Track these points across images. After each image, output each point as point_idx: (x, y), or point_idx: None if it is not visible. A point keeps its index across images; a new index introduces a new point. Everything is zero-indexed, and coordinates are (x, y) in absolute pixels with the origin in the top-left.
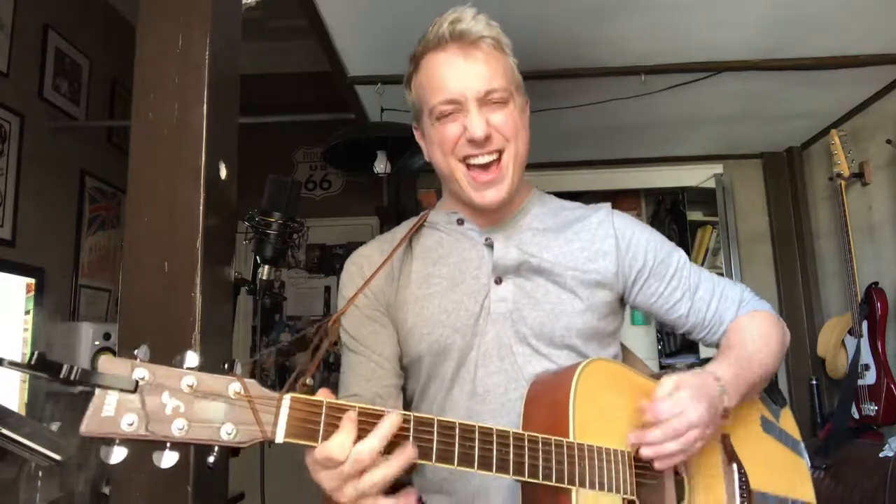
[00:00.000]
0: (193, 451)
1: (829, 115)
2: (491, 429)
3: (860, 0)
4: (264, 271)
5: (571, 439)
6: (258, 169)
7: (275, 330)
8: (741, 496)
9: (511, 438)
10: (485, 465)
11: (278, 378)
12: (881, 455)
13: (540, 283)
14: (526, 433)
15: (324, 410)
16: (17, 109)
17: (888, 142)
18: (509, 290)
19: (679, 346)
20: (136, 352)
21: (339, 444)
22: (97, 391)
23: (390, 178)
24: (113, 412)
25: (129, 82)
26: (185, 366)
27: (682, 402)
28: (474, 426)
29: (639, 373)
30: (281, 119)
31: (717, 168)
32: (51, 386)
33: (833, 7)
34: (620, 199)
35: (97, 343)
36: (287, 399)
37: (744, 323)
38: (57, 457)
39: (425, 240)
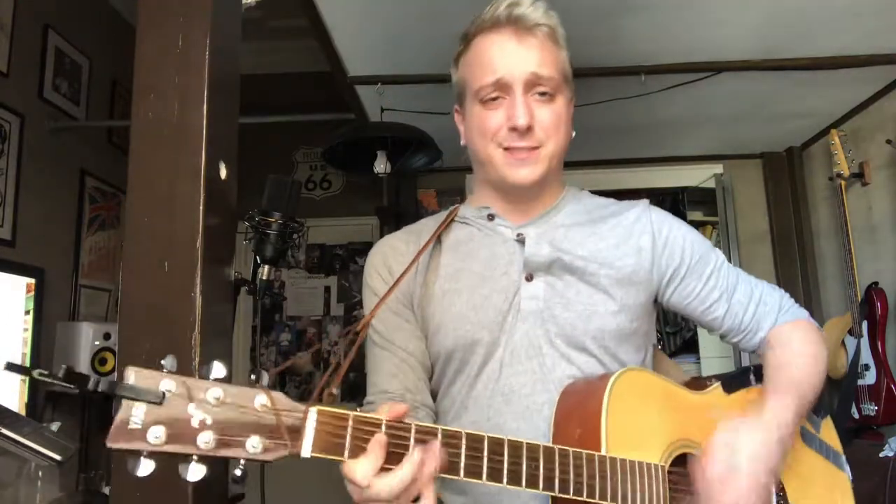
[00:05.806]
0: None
1: (829, 115)
2: (521, 442)
3: (860, 0)
4: (264, 271)
5: (603, 453)
6: (258, 169)
7: (275, 330)
8: None
9: (541, 452)
10: (514, 480)
11: (279, 379)
12: (881, 455)
13: (572, 282)
14: (557, 447)
15: (350, 424)
16: (17, 109)
17: (888, 142)
18: (540, 288)
19: (679, 347)
20: (163, 362)
21: (363, 473)
22: (123, 402)
23: (390, 178)
24: (140, 424)
25: (129, 82)
26: (211, 376)
27: (739, 480)
28: (503, 440)
29: (673, 382)
30: (281, 119)
31: (717, 168)
32: (51, 386)
33: (833, 7)
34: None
35: (97, 343)
36: (313, 412)
37: (789, 336)
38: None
39: (456, 233)
